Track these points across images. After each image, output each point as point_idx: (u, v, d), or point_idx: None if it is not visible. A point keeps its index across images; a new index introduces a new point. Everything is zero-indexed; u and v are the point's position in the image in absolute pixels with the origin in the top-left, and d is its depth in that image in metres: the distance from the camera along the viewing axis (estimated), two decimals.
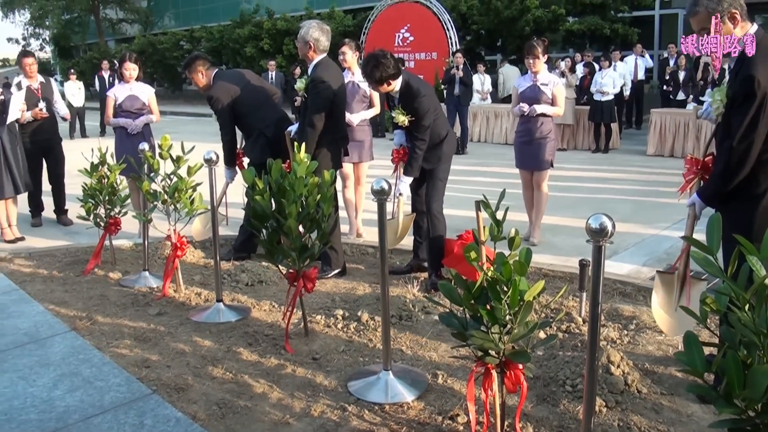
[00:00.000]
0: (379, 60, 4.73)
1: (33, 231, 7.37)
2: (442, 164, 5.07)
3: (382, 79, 4.76)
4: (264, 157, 5.45)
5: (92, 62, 32.52)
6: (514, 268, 2.51)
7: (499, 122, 14.67)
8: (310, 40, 5.20)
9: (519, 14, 18.32)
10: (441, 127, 5.06)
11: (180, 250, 4.96)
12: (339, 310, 4.51)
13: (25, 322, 2.36)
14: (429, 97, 4.91)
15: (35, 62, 7.51)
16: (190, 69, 5.77)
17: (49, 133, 7.50)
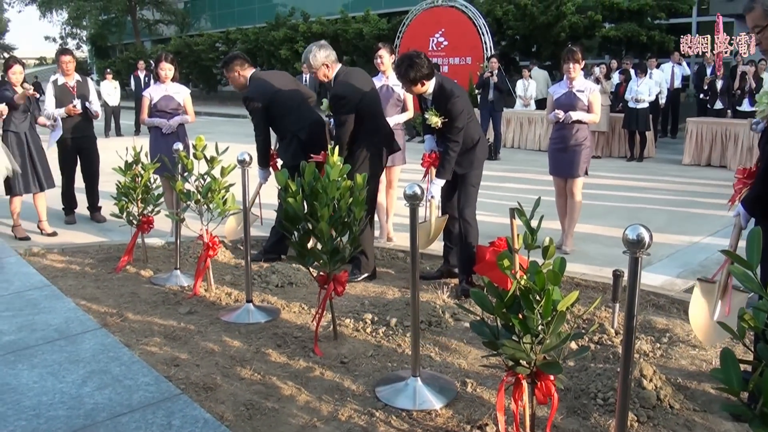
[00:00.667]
0: (413, 60, 4.73)
1: (66, 227, 7.48)
2: (474, 170, 5.03)
3: (416, 79, 4.75)
4: (296, 160, 5.47)
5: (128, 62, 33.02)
6: (548, 277, 2.47)
7: (532, 128, 14.58)
8: (323, 61, 5.20)
9: (555, 20, 18.19)
10: (474, 131, 5.03)
11: (212, 249, 4.99)
12: (368, 314, 4.50)
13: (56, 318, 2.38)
14: (462, 98, 4.88)
15: (73, 60, 7.63)
16: (227, 67, 5.83)
17: (84, 130, 7.63)
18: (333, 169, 3.76)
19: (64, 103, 7.38)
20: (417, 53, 4.81)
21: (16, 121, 6.76)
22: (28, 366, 2.01)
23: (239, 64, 5.79)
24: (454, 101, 4.81)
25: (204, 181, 4.94)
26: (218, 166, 4.97)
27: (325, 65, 5.21)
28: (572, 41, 16.91)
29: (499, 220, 7.04)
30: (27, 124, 6.90)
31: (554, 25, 18.20)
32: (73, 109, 7.32)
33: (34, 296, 2.63)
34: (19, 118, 6.80)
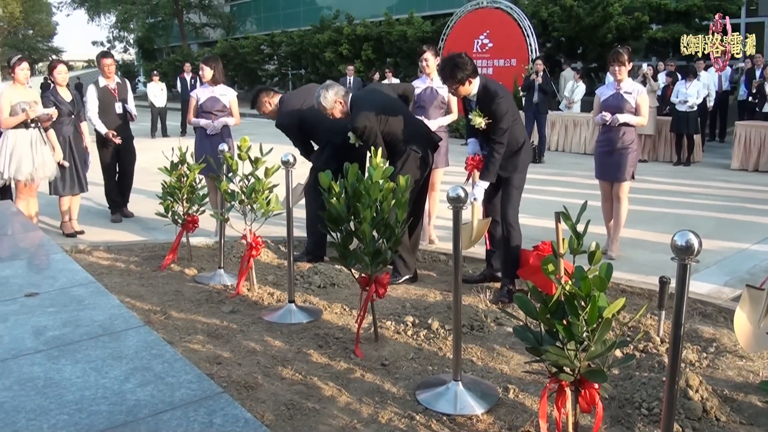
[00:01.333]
0: (456, 60, 4.73)
1: (112, 225, 7.63)
2: (518, 173, 4.97)
3: (463, 78, 4.73)
4: (328, 165, 5.48)
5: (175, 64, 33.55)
6: (594, 283, 2.42)
7: (578, 131, 14.37)
8: (335, 99, 5.24)
9: (601, 21, 17.91)
10: (519, 133, 4.98)
11: (255, 249, 5.02)
12: (409, 317, 4.48)
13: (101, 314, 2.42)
14: (507, 99, 4.84)
15: (113, 63, 7.92)
16: (256, 104, 6.15)
17: (123, 130, 7.88)
18: (376, 170, 3.75)
19: (106, 104, 7.65)
20: (458, 54, 4.81)
21: (59, 125, 6.93)
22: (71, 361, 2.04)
23: (265, 94, 6.10)
24: (498, 101, 4.77)
25: (248, 181, 4.98)
26: (262, 167, 5.01)
27: (338, 102, 5.25)
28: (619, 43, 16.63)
29: (542, 223, 6.96)
30: (71, 128, 7.09)
31: (600, 27, 17.92)
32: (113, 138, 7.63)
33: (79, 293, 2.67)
34: (64, 121, 6.98)
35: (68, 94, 7.09)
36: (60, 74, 7.02)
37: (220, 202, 5.61)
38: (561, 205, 2.87)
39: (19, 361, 2.07)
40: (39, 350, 2.15)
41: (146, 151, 8.09)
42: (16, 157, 6.45)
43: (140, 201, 8.64)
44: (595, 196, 6.55)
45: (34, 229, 3.91)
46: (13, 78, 6.57)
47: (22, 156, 6.46)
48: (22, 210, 5.88)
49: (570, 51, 19.98)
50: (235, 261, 5.94)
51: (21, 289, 2.72)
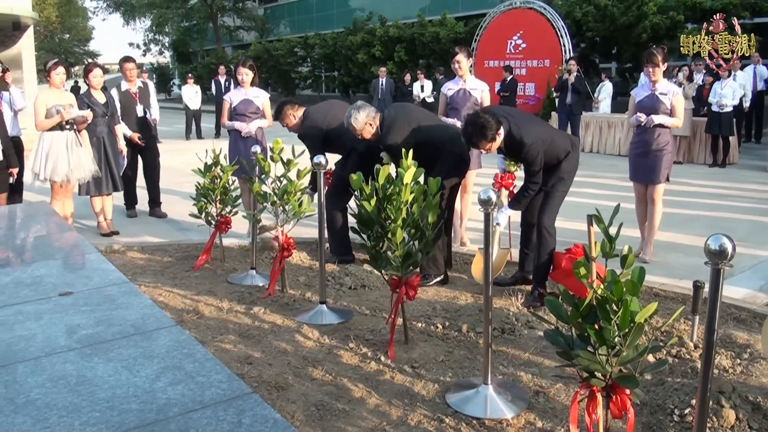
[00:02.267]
0: (478, 121, 4.57)
1: (147, 226, 7.74)
2: (561, 184, 4.88)
3: (494, 135, 4.56)
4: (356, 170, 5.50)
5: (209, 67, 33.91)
6: (626, 287, 2.39)
7: (612, 132, 14.20)
8: (365, 120, 5.21)
9: (636, 21, 17.68)
10: (558, 149, 4.83)
11: (287, 251, 5.05)
12: (439, 319, 4.47)
13: (133, 314, 2.45)
14: (535, 144, 4.66)
15: (135, 67, 8.16)
16: (281, 116, 6.15)
17: (145, 131, 8.07)
18: (406, 172, 3.75)
19: (128, 107, 7.84)
20: (475, 114, 4.72)
21: (93, 126, 7.04)
22: (103, 360, 2.07)
23: (290, 107, 6.11)
24: (527, 150, 4.66)
25: (280, 183, 5.01)
26: (294, 169, 5.04)
27: (368, 123, 5.23)
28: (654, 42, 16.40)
29: (575, 225, 6.89)
30: (105, 128, 7.21)
31: (635, 26, 17.69)
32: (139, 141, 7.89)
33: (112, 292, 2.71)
34: (98, 122, 7.10)
35: (102, 97, 7.22)
36: (95, 78, 7.15)
37: (252, 204, 5.65)
38: (594, 208, 2.84)
39: (52, 359, 2.11)
40: (72, 348, 2.19)
41: (181, 152, 8.20)
42: (52, 158, 6.57)
43: (174, 202, 8.75)
44: (629, 198, 6.47)
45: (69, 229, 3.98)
46: (49, 81, 6.70)
47: (58, 157, 6.57)
48: (58, 211, 5.98)
49: (604, 51, 19.76)
50: (267, 262, 5.98)
51: (55, 288, 2.77)
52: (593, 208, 2.68)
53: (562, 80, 13.52)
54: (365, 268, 5.49)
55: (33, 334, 2.29)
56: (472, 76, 6.47)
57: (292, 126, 6.15)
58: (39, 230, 4.01)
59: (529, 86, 18.02)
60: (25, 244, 3.68)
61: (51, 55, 33.60)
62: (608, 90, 14.96)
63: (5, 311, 2.51)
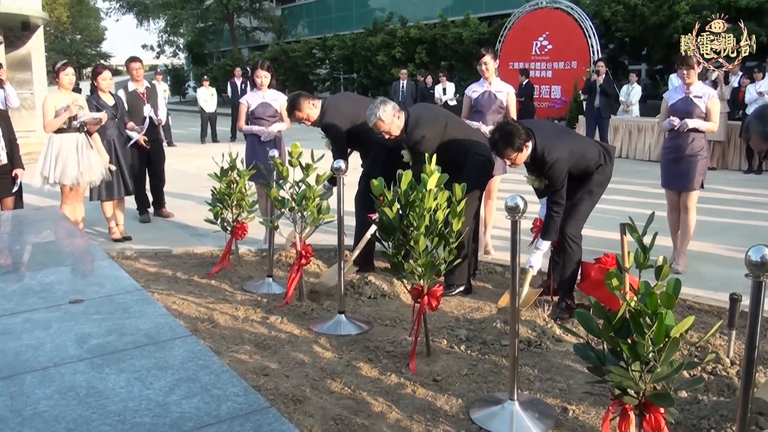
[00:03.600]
0: (506, 128, 4.52)
1: (160, 232, 7.78)
2: (589, 196, 4.84)
3: (521, 145, 4.48)
4: (387, 170, 5.48)
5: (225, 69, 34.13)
6: (661, 299, 2.35)
7: (642, 137, 14.08)
8: (393, 113, 5.09)
9: (667, 20, 17.53)
10: (589, 162, 4.77)
11: (305, 258, 5.05)
12: (463, 331, 4.44)
13: (146, 323, 2.44)
14: (560, 161, 4.58)
15: (142, 67, 8.29)
16: (297, 109, 5.92)
17: (151, 134, 8.16)
18: (430, 178, 3.72)
19: (136, 108, 7.95)
20: (505, 122, 4.70)
21: (103, 128, 7.06)
22: (115, 370, 2.06)
23: (305, 98, 5.95)
24: (550, 167, 4.59)
25: (299, 188, 5.01)
26: (313, 174, 5.04)
27: (396, 116, 5.11)
28: None
29: (604, 234, 6.82)
30: (115, 131, 7.27)
31: (666, 26, 17.53)
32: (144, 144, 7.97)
33: (124, 300, 2.70)
34: (107, 125, 7.14)
35: (110, 99, 7.28)
36: (105, 80, 7.23)
37: (269, 210, 5.66)
38: (623, 216, 2.80)
39: (61, 370, 2.10)
40: (82, 358, 2.18)
41: (196, 156, 8.26)
42: (61, 161, 6.58)
43: (189, 207, 8.80)
44: (661, 206, 6.40)
45: (79, 234, 3.99)
46: (58, 83, 6.74)
47: (67, 160, 6.58)
48: (68, 216, 5.99)
49: (634, 52, 19.62)
50: (284, 270, 5.98)
51: (65, 295, 2.77)
52: (622, 216, 2.65)
53: (590, 82, 13.46)
54: (385, 278, 5.46)
55: (41, 344, 2.29)
56: (498, 79, 6.44)
57: (313, 118, 5.96)
58: (48, 236, 4.02)
59: (555, 89, 17.95)
60: (34, 250, 3.70)
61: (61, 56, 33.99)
62: (638, 92, 14.84)
63: (13, 319, 2.51)
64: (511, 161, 4.59)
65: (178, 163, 12.77)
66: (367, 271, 5.85)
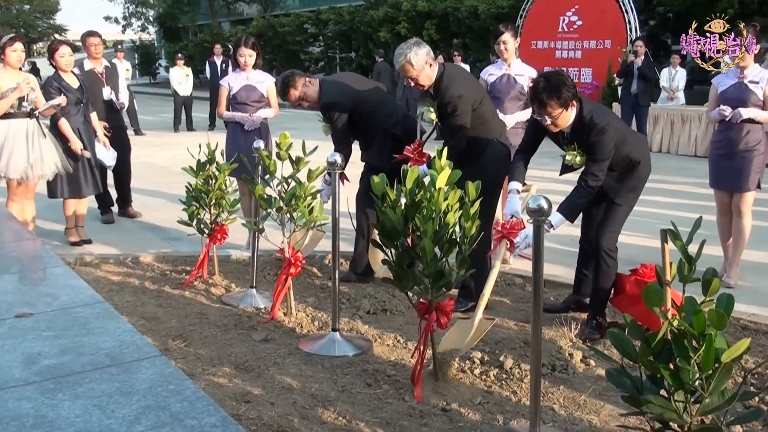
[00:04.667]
0: (554, 77, 4.43)
1: (124, 234, 7.80)
2: (631, 195, 4.83)
3: (568, 99, 4.40)
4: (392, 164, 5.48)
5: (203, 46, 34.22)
6: (710, 318, 2.34)
7: (687, 128, 14.08)
8: (426, 59, 5.03)
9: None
10: (632, 149, 4.73)
11: (294, 266, 5.05)
12: (477, 353, 4.44)
13: (108, 340, 2.44)
14: (610, 126, 4.52)
15: (101, 43, 8.23)
16: (290, 87, 5.83)
17: (111, 121, 8.12)
18: (440, 175, 3.72)
19: (93, 90, 7.80)
20: (554, 71, 4.58)
21: (66, 115, 7.00)
22: (70, 396, 2.05)
23: (299, 75, 5.88)
24: (598, 132, 4.46)
25: (288, 185, 5.01)
26: (305, 169, 5.04)
27: (429, 63, 5.06)
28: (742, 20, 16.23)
29: (641, 241, 6.82)
30: (81, 118, 7.20)
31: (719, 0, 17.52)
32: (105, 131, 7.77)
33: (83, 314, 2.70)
34: (71, 111, 7.08)
35: (74, 81, 7.20)
36: (63, 57, 7.07)
37: (254, 210, 5.65)
38: (664, 220, 2.80)
39: (4, 395, 2.08)
40: (30, 382, 2.17)
41: (168, 147, 8.27)
42: (7, 150, 6.42)
43: (160, 206, 8.81)
44: (709, 208, 6.40)
45: (29, 237, 3.98)
46: (4, 60, 6.59)
47: (14, 149, 6.44)
48: (15, 214, 5.95)
49: (679, 30, 19.54)
50: (270, 280, 5.98)
51: (10, 308, 2.75)
52: (663, 221, 2.65)
53: (626, 64, 13.44)
54: (387, 290, 5.46)
55: None
56: (518, 60, 6.45)
57: (309, 97, 5.89)
58: None
59: (585, 72, 17.94)
60: None
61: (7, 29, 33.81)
62: (683, 77, 14.84)
63: None
64: (551, 119, 4.46)
65: (147, 154, 12.70)
66: (366, 281, 5.85)
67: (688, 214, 7.75)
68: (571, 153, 4.61)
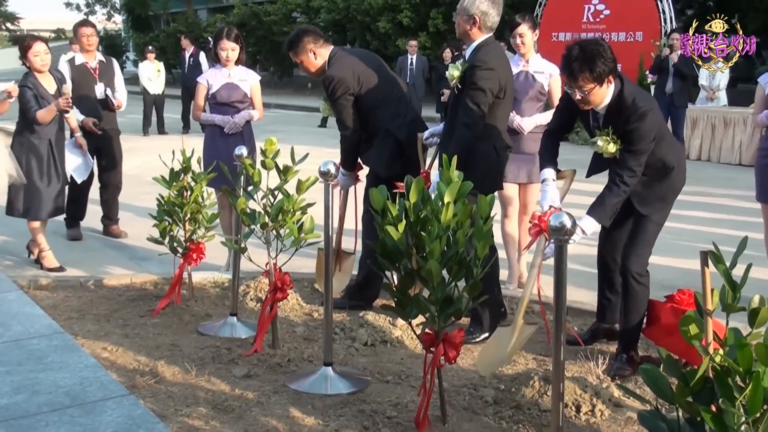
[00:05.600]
0: (590, 46, 4.43)
1: (86, 253, 7.79)
2: (662, 210, 4.83)
3: (603, 74, 4.39)
4: (394, 169, 5.51)
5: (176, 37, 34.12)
6: (757, 353, 2.35)
7: (729, 133, 14.12)
8: (476, 13, 5.19)
9: None
10: (668, 151, 4.74)
11: (281, 291, 5.05)
12: (490, 390, 4.44)
13: (68, 377, 2.45)
14: (655, 112, 4.57)
15: (95, 33, 8.17)
16: (296, 48, 5.88)
17: (105, 121, 8.07)
18: (449, 187, 3.73)
19: (83, 87, 7.82)
20: (593, 39, 4.57)
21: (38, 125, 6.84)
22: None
23: (312, 40, 5.86)
24: (639, 117, 4.46)
25: (274, 198, 5.02)
26: (294, 179, 5.05)
27: (474, 20, 5.20)
28: None
29: (678, 263, 6.83)
30: (54, 128, 7.01)
31: None
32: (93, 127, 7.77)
33: (38, 346, 2.71)
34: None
35: (51, 84, 7.03)
36: (38, 56, 6.91)
37: (235, 226, 5.66)
38: (705, 240, 2.81)
39: None
40: None
41: (137, 152, 8.29)
42: None
43: (127, 221, 8.80)
44: (756, 225, 6.41)
45: None
46: None
47: None
48: None
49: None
50: (252, 306, 5.98)
51: None
52: (703, 240, 2.66)
53: (660, 60, 13.50)
54: (388, 318, 5.47)
55: None
56: (537, 55, 6.48)
57: (313, 69, 5.92)
58: None
59: None
60: None
61: None
62: (725, 75, 14.87)
63: None
64: (581, 94, 4.47)
65: None
66: (363, 308, 5.85)
67: (731, 232, 7.76)
68: (603, 138, 4.58)
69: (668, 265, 6.69)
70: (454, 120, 5.26)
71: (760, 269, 5.90)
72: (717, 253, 2.59)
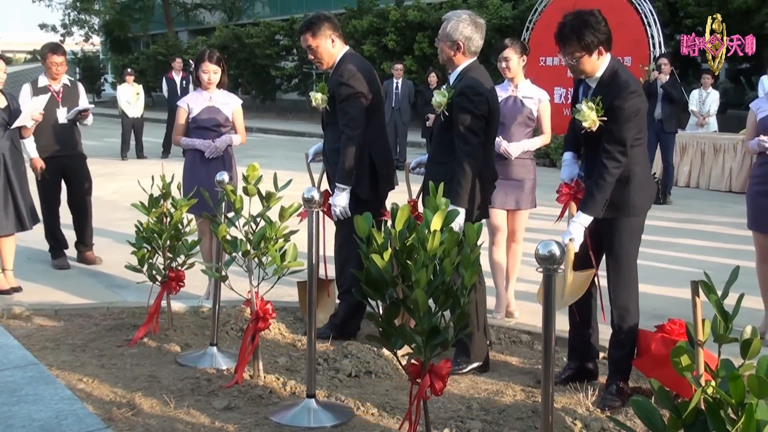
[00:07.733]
0: (585, 17, 4.62)
1: (61, 279, 7.75)
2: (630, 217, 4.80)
3: (592, 44, 4.58)
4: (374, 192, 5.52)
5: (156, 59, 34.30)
6: (750, 385, 2.37)
7: (720, 159, 14.22)
8: (459, 39, 5.24)
9: (757, 4, 17.76)
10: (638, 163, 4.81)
11: (263, 321, 5.04)
12: (477, 423, 4.44)
13: (43, 410, 2.43)
14: (642, 97, 4.72)
15: (64, 63, 8.20)
16: (315, 30, 5.86)
17: (69, 146, 8.11)
18: (436, 215, 3.74)
19: (47, 112, 7.70)
20: (590, 11, 4.71)
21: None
22: None
23: (333, 27, 5.92)
24: (628, 96, 4.61)
25: (256, 225, 5.03)
26: (276, 206, 5.05)
27: (458, 46, 5.26)
28: None
29: (668, 291, 6.84)
30: (7, 143, 7.11)
31: (756, 12, 17.79)
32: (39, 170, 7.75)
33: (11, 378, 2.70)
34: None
35: (1, 99, 7.16)
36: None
37: (215, 253, 5.65)
38: (696, 269, 2.83)
39: None
40: None
41: (114, 177, 8.27)
42: None
43: (104, 248, 8.78)
44: (747, 254, 6.44)
45: None
46: None
47: None
48: None
49: None
50: (233, 336, 5.97)
51: None
52: (694, 270, 2.68)
53: (649, 85, 13.57)
54: (372, 349, 5.46)
55: None
56: (527, 81, 6.52)
57: (323, 58, 5.97)
58: None
59: None
60: None
61: None
62: (715, 99, 14.99)
63: None
64: (570, 61, 4.67)
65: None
66: (347, 338, 5.84)
67: (723, 260, 7.78)
68: (588, 105, 4.68)
69: (659, 293, 6.71)
70: (439, 147, 5.30)
71: (752, 298, 5.94)
72: (708, 282, 2.60)
